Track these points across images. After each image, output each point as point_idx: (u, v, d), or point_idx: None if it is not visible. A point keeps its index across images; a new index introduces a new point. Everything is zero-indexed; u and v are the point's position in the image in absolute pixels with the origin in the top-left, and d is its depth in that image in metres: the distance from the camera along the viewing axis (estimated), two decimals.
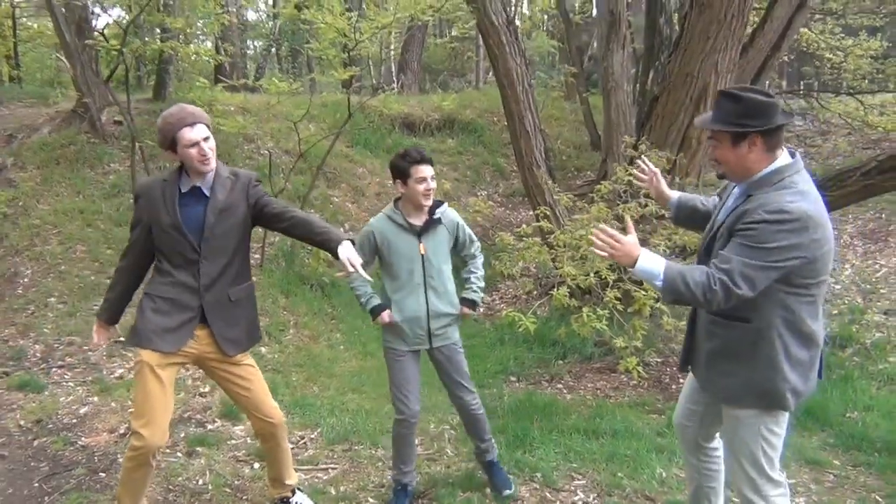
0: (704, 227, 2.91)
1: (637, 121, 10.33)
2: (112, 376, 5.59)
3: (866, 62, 13.48)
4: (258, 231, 8.62)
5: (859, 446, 4.71)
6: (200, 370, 3.72)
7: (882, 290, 7.84)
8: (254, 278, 3.54)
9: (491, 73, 22.23)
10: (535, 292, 8.51)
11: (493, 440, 4.05)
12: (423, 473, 4.28)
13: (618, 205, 5.94)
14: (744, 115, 2.51)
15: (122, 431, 4.68)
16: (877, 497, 4.09)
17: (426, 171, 3.54)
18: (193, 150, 3.05)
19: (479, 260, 3.93)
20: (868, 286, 7.96)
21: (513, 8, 12.96)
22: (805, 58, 14.91)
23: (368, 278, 2.84)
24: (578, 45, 14.23)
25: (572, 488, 4.13)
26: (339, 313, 7.67)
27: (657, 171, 3.28)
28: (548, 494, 4.03)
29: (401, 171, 3.56)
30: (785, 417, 2.70)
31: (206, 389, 5.40)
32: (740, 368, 2.64)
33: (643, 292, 5.23)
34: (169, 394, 3.19)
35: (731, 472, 2.83)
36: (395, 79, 19.12)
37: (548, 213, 7.19)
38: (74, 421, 4.84)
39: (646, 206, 5.78)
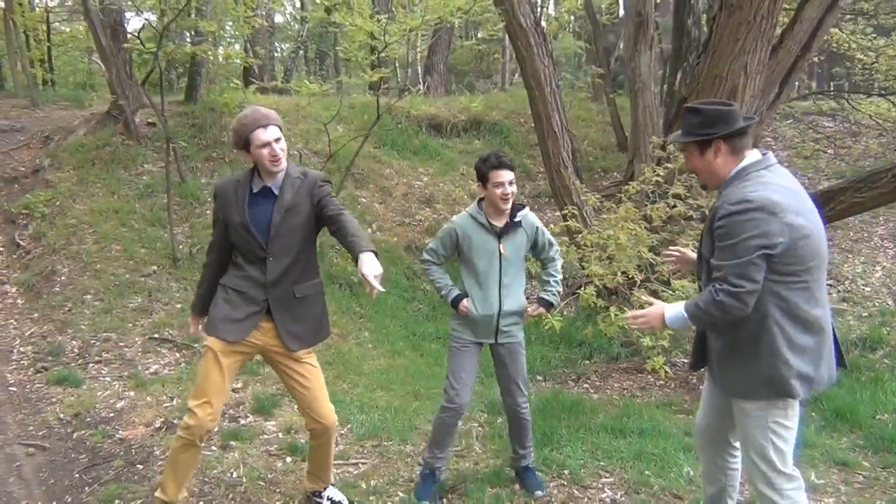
0: None
1: (664, 122, 10.33)
2: (147, 372, 5.72)
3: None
4: None
5: (889, 448, 4.68)
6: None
7: None
8: None
9: (517, 75, 22.40)
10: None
11: (531, 448, 4.12)
12: (451, 469, 4.34)
13: (646, 205, 5.96)
14: (706, 124, 2.72)
15: (157, 425, 4.80)
16: None
17: (504, 175, 3.66)
18: (265, 151, 3.18)
19: (559, 263, 4.03)
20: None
21: (539, 10, 12.92)
22: (835, 58, 14.74)
23: (381, 289, 2.91)
24: (605, 47, 14.20)
25: (600, 486, 4.17)
26: (367, 312, 7.76)
27: (678, 249, 3.35)
28: (576, 491, 4.07)
29: (481, 175, 3.73)
30: (795, 410, 2.73)
31: (239, 385, 5.50)
32: (746, 361, 2.71)
33: (671, 292, 5.25)
34: (226, 380, 3.34)
35: (746, 469, 2.87)
36: (421, 80, 19.24)
37: (575, 213, 7.23)
38: (112, 415, 4.96)
39: (674, 206, 5.80)
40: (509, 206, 3.73)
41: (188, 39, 11.29)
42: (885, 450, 4.69)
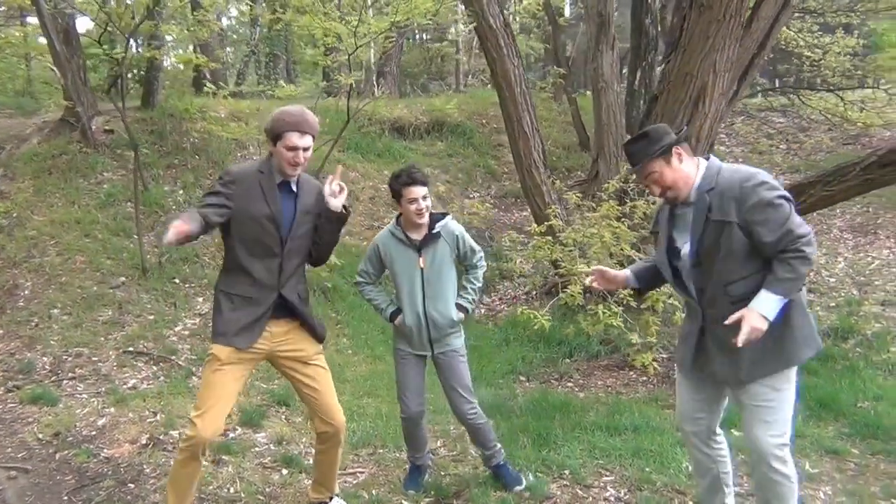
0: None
1: (629, 120, 10.45)
2: (125, 387, 5.54)
3: (846, 59, 13.73)
4: None
5: (874, 434, 4.80)
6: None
7: (877, 282, 8.00)
8: None
9: (471, 77, 22.49)
10: (534, 292, 8.56)
11: (497, 446, 4.11)
12: (452, 475, 4.32)
13: (625, 203, 6.00)
14: (656, 140, 2.92)
15: (143, 442, 4.64)
16: None
17: (416, 191, 3.68)
18: (290, 154, 3.14)
19: (480, 271, 4.05)
20: (862, 278, 8.12)
21: (507, 11, 12.93)
22: (782, 56, 15.12)
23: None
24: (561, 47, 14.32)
25: (602, 484, 4.17)
26: (343, 318, 7.67)
27: (596, 269, 3.41)
28: (579, 491, 4.07)
29: (394, 192, 3.77)
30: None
31: None
32: (783, 334, 2.82)
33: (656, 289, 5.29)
34: (231, 391, 3.25)
35: (754, 439, 2.91)
36: (374, 84, 19.10)
37: (550, 213, 7.25)
38: (94, 433, 4.78)
39: (654, 203, 5.85)
40: (424, 219, 3.75)
41: (140, 43, 10.97)
42: (871, 436, 4.80)
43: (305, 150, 3.15)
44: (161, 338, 6.33)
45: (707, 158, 2.96)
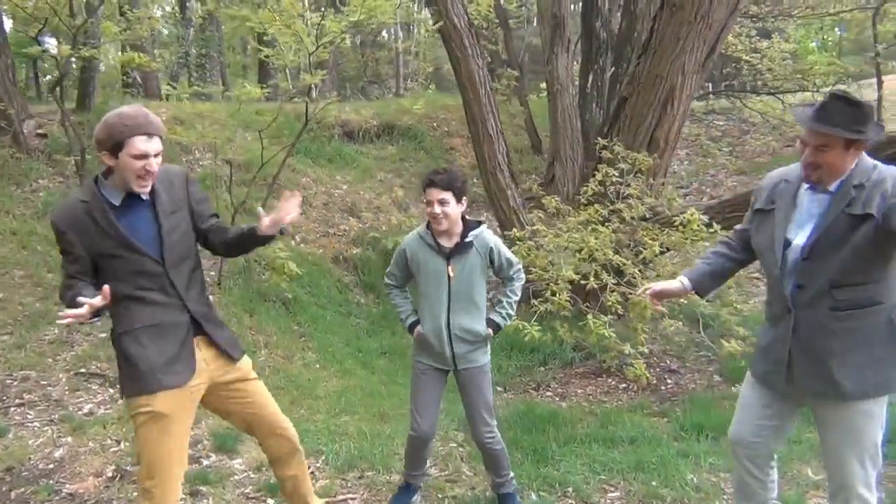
0: (730, 274, 3.12)
1: (581, 124, 10.41)
2: (81, 413, 5.08)
3: (785, 64, 14.07)
4: None
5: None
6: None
7: None
8: (213, 297, 3.23)
9: (409, 81, 22.26)
10: None
11: (511, 474, 3.90)
12: (449, 497, 4.09)
13: (606, 206, 5.88)
14: (862, 121, 2.52)
15: (109, 475, 4.23)
16: None
17: (432, 194, 3.45)
18: (139, 164, 2.65)
19: (517, 283, 3.75)
20: None
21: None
22: (723, 60, 15.43)
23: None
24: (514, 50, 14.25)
25: (609, 501, 4.01)
26: (307, 330, 7.31)
27: (651, 288, 3.22)
28: None
29: (423, 192, 3.52)
30: None
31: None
32: (885, 352, 2.63)
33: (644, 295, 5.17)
34: (182, 446, 2.82)
35: (837, 476, 2.75)
36: (313, 87, 18.66)
37: (523, 217, 7.09)
38: (51, 466, 4.34)
39: (634, 207, 5.75)
40: (442, 226, 3.47)
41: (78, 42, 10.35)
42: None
43: (156, 155, 2.66)
44: (115, 358, 5.86)
45: None
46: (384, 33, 23.48)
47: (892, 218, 2.43)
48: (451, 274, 3.52)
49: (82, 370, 5.65)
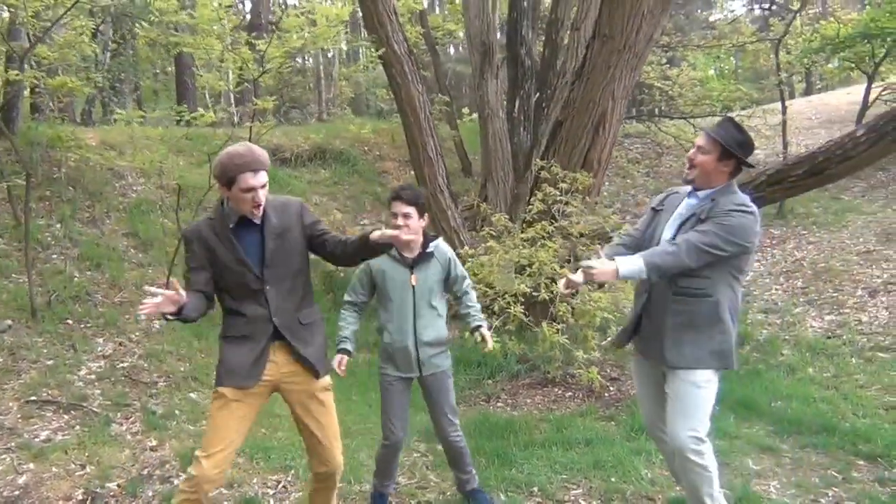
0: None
1: (511, 147, 10.80)
2: (38, 440, 4.99)
3: (696, 90, 14.93)
4: (156, 269, 8.08)
5: (798, 430, 5.20)
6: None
7: (755, 292, 8.70)
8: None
9: (330, 106, 22.35)
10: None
11: (473, 470, 4.16)
12: (423, 501, 4.25)
13: (551, 223, 6.20)
14: (745, 144, 3.23)
15: (80, 498, 4.22)
16: (832, 473, 4.52)
17: (397, 207, 3.69)
18: (249, 195, 3.02)
19: (473, 294, 4.09)
20: (742, 289, 8.78)
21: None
22: (638, 86, 16.24)
23: None
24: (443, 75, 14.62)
25: (573, 498, 4.26)
26: None
27: (568, 278, 3.46)
28: None
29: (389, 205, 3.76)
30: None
31: (154, 443, 5.00)
32: (703, 336, 3.20)
33: (592, 304, 5.50)
34: (240, 430, 3.15)
35: (673, 432, 3.22)
36: (234, 110, 18.52)
37: (463, 237, 7.34)
38: (17, 493, 4.28)
39: (578, 223, 6.10)
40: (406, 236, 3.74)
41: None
42: (795, 432, 5.19)
43: (263, 187, 3.05)
44: (66, 384, 5.78)
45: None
46: (306, 58, 23.50)
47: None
48: (414, 283, 3.78)
49: (33, 397, 5.54)
